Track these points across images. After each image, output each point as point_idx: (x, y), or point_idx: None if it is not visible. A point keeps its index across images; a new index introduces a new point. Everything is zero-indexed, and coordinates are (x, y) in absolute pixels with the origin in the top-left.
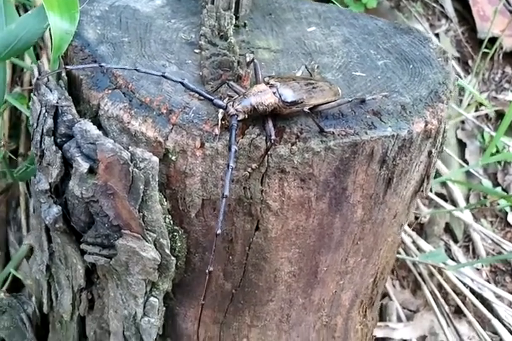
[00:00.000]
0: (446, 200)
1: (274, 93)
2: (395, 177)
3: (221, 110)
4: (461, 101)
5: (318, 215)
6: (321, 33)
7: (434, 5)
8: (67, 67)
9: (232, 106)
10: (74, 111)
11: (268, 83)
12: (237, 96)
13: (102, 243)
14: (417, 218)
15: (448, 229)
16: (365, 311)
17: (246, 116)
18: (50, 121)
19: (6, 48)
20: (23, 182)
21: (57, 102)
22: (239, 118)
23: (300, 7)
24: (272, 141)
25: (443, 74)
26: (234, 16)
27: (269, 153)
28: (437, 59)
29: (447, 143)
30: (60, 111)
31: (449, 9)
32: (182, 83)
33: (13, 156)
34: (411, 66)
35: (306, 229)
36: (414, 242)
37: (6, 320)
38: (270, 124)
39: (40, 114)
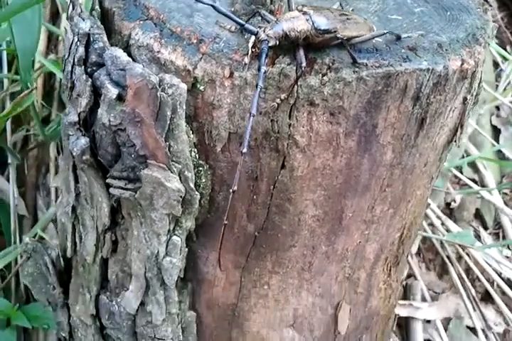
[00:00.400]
0: (477, 186)
1: (307, 20)
2: (428, 117)
3: (252, 38)
4: (497, 86)
5: (346, 154)
6: None
7: None
8: None
9: (264, 31)
10: (105, 38)
11: (301, 10)
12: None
13: (127, 176)
14: (448, 204)
15: (478, 215)
16: (390, 270)
17: (277, 42)
18: (81, 50)
19: None
20: (53, 144)
21: (89, 30)
22: (270, 44)
23: None
24: (303, 69)
25: (481, 21)
26: None
27: (299, 83)
28: (476, 9)
29: (481, 130)
30: (91, 39)
31: None
32: (213, 6)
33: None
34: (448, 13)
35: (333, 169)
36: (443, 224)
37: (30, 266)
38: (302, 52)
39: (72, 43)
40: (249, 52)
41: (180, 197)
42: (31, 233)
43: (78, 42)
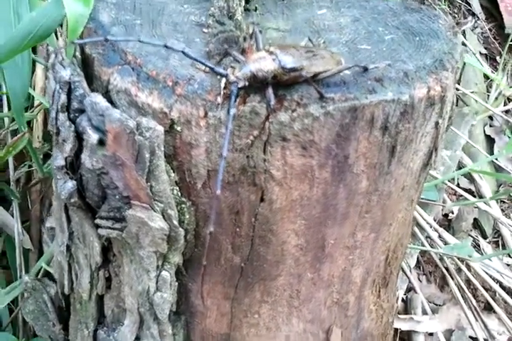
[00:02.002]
0: (474, 196)
1: (273, 59)
2: (399, 145)
3: (223, 80)
4: (488, 97)
5: (321, 185)
6: (331, 14)
7: (460, 2)
8: (76, 41)
9: (233, 73)
10: (85, 85)
11: (268, 51)
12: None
13: (114, 216)
14: (446, 215)
15: (477, 225)
16: (379, 291)
17: (246, 83)
18: (63, 97)
19: (27, 36)
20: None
21: (69, 78)
22: (239, 86)
23: None
24: (272, 107)
25: (449, 46)
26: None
27: (270, 120)
28: (446, 33)
29: (475, 140)
30: (72, 86)
31: (476, 6)
32: (183, 52)
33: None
34: (417, 39)
35: (310, 200)
36: (440, 237)
37: (31, 303)
38: (270, 91)
39: (54, 91)
40: (221, 92)
41: (165, 235)
42: (36, 266)
43: (60, 90)
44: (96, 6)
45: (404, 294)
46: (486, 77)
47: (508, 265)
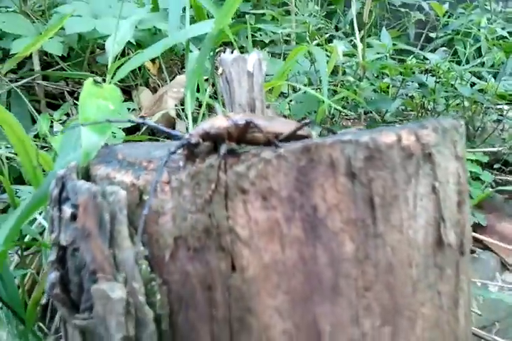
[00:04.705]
0: None
1: (227, 119)
2: (377, 196)
3: (179, 142)
4: None
5: (294, 244)
6: None
7: None
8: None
9: (188, 134)
10: (74, 176)
11: (225, 115)
12: None
13: (90, 306)
14: None
15: None
16: None
17: (200, 139)
18: (56, 191)
19: None
20: None
21: (63, 173)
22: (192, 141)
23: None
24: (222, 156)
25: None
26: None
27: (227, 172)
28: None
29: None
30: (64, 180)
31: None
32: (143, 123)
33: None
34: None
35: (286, 265)
36: None
37: None
38: (224, 146)
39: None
40: (183, 154)
41: (127, 308)
42: None
43: (55, 185)
44: None
45: None
46: None
47: None
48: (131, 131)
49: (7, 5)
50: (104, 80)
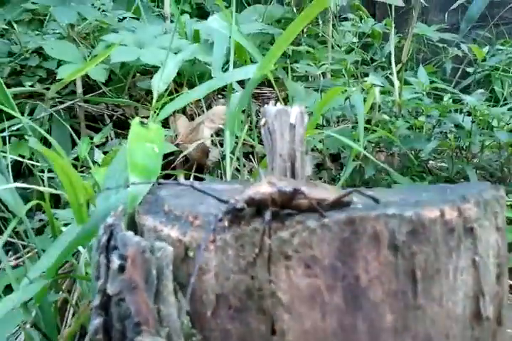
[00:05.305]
0: None
1: (271, 185)
2: (420, 271)
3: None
4: None
5: (334, 313)
6: None
7: None
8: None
9: (234, 199)
10: (123, 227)
11: (269, 181)
12: None
13: None
14: None
15: None
16: None
17: (245, 205)
18: (104, 238)
19: None
20: None
21: (112, 221)
22: (237, 207)
23: None
24: (267, 222)
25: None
26: None
27: (271, 237)
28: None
29: None
30: (113, 228)
31: None
32: (192, 186)
33: None
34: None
35: (325, 332)
36: None
37: None
38: (268, 212)
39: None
40: (227, 217)
41: None
42: None
43: (103, 233)
44: None
45: None
46: None
47: None
48: (166, 155)
49: (54, 27)
50: (146, 117)
